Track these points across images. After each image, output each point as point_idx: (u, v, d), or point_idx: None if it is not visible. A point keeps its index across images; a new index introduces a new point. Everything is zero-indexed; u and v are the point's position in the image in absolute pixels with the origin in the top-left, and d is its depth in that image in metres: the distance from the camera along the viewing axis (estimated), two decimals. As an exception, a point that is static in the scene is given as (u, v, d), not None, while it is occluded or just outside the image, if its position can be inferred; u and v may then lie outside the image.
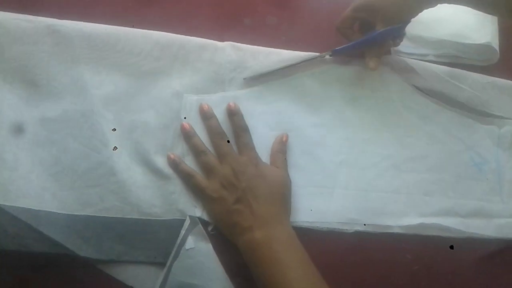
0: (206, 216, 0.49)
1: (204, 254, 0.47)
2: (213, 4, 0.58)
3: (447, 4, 0.51)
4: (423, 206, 0.54)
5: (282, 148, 0.52)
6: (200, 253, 0.47)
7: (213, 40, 0.55)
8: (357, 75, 0.57)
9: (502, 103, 0.59)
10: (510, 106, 0.59)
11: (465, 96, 0.58)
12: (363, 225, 0.52)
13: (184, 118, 0.52)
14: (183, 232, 0.47)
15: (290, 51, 0.56)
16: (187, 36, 0.54)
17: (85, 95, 0.51)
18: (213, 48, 0.55)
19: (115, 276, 0.47)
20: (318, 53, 0.55)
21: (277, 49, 0.56)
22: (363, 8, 0.53)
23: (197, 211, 0.49)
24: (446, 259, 0.53)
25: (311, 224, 0.51)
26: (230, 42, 0.55)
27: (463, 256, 0.53)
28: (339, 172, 0.54)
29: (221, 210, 0.48)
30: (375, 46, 0.54)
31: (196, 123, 0.52)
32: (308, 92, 0.56)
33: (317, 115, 0.56)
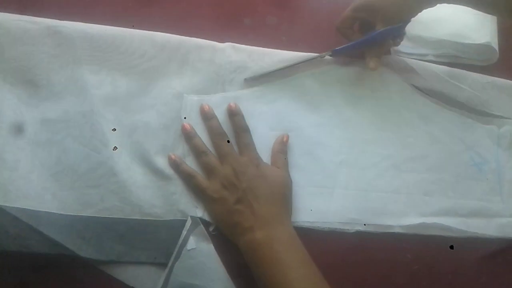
0: (207, 216, 0.49)
1: (206, 255, 0.47)
2: (213, 4, 0.58)
3: (447, 4, 0.51)
4: (423, 206, 0.54)
5: (283, 148, 0.52)
6: (202, 253, 0.47)
7: (213, 40, 0.55)
8: (357, 75, 0.57)
9: (501, 102, 0.59)
10: (509, 105, 0.60)
11: (465, 96, 0.58)
12: (363, 225, 0.52)
13: (184, 118, 0.52)
14: (184, 233, 0.47)
15: (290, 52, 0.56)
16: (187, 37, 0.54)
17: (85, 95, 0.50)
18: (213, 49, 0.55)
19: (115, 277, 0.47)
20: (318, 53, 0.55)
21: (277, 50, 0.56)
22: (363, 8, 0.54)
23: (198, 212, 0.49)
24: (447, 258, 0.53)
25: (312, 224, 0.51)
26: (230, 43, 0.55)
27: (464, 255, 0.53)
28: (339, 172, 0.54)
29: (222, 210, 0.48)
30: (375, 46, 0.54)
31: (196, 123, 0.52)
32: (308, 92, 0.56)
33: (317, 115, 0.56)
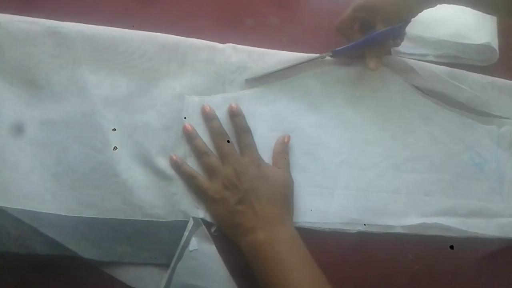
0: (209, 217, 0.49)
1: (208, 256, 0.47)
2: (214, 4, 0.58)
3: (447, 4, 0.51)
4: (423, 206, 0.54)
5: (284, 149, 0.52)
6: (204, 254, 0.47)
7: (213, 40, 0.55)
8: (357, 76, 0.57)
9: (501, 103, 0.59)
10: (509, 106, 0.60)
11: (465, 96, 0.58)
12: (363, 225, 0.52)
13: (184, 118, 0.52)
14: (186, 234, 0.47)
15: (291, 52, 0.56)
16: (188, 38, 0.54)
17: (85, 95, 0.50)
18: (213, 49, 0.55)
19: (117, 278, 0.47)
20: (318, 54, 0.55)
21: (278, 51, 0.56)
22: (363, 8, 0.53)
23: (200, 212, 0.49)
24: (448, 258, 0.53)
25: (313, 224, 0.51)
26: (231, 44, 0.55)
27: (464, 255, 0.53)
28: (339, 172, 0.54)
29: (223, 211, 0.48)
30: (375, 46, 0.54)
31: (197, 124, 0.52)
32: (309, 93, 0.56)
33: (317, 115, 0.56)
